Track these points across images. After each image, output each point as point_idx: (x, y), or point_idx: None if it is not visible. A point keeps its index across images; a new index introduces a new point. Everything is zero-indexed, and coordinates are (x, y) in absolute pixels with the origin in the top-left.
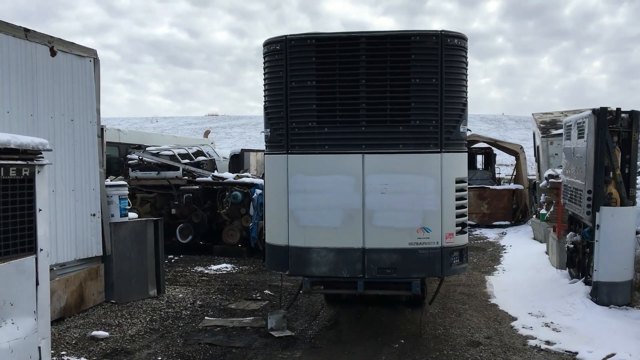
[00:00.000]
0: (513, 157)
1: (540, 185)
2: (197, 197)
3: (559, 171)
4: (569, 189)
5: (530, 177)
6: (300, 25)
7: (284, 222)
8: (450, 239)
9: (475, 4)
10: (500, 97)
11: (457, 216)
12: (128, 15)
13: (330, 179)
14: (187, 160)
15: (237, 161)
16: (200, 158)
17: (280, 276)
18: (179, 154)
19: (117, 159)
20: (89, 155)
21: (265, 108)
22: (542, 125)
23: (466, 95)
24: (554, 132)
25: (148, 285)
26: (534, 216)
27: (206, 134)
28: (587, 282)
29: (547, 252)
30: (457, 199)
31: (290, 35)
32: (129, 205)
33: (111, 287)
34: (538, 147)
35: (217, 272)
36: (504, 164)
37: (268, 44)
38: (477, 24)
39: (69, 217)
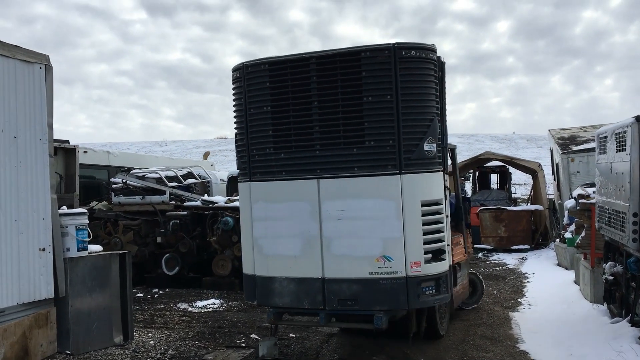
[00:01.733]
0: (527, 176)
1: (569, 206)
2: (185, 223)
3: (590, 190)
4: (606, 211)
5: (549, 197)
6: (312, 48)
7: (251, 251)
8: (416, 267)
9: (485, 24)
10: (512, 116)
11: (427, 242)
12: (142, 41)
13: (289, 206)
14: (174, 184)
15: (235, 184)
16: (190, 180)
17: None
18: (166, 177)
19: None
20: (37, 178)
21: (235, 136)
22: (560, 141)
23: (434, 109)
24: (575, 148)
25: (113, 331)
26: (558, 240)
27: (205, 155)
28: (633, 323)
29: (576, 282)
30: (425, 224)
31: (247, 62)
32: (89, 236)
33: (66, 335)
34: (557, 164)
35: (202, 310)
36: (517, 182)
37: (233, 71)
38: (487, 44)
39: (10, 253)
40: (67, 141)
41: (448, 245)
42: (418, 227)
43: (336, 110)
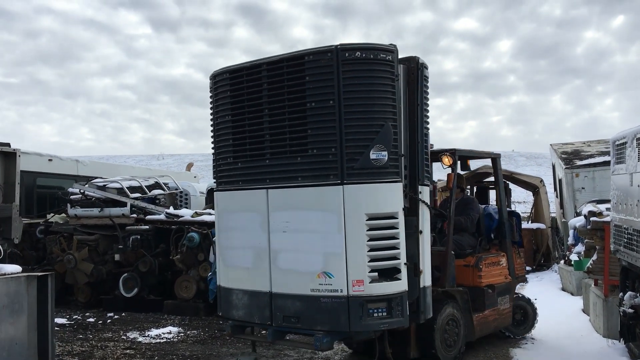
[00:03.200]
0: (528, 193)
1: (578, 225)
2: (147, 239)
3: (602, 207)
4: (625, 231)
5: (552, 215)
6: None
7: (219, 262)
8: (359, 286)
9: (487, 43)
10: (512, 134)
11: (374, 259)
12: (146, 56)
13: (244, 216)
14: (137, 195)
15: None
16: (156, 192)
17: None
18: (129, 187)
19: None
20: None
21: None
22: (563, 155)
23: (388, 115)
24: (579, 162)
25: None
26: (562, 261)
27: (188, 167)
28: None
29: (585, 311)
30: (373, 239)
31: (216, 70)
32: (0, 254)
33: None
34: (560, 180)
35: (153, 341)
36: (517, 200)
37: (209, 80)
38: (489, 62)
39: None
40: (8, 144)
41: (406, 263)
42: (362, 242)
43: (283, 118)
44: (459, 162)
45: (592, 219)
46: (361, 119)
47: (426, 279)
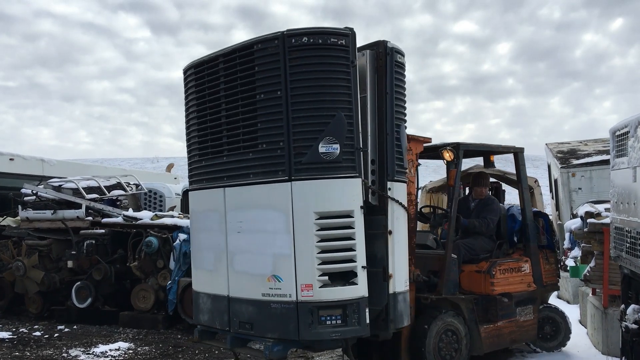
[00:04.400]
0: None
1: (573, 227)
2: (102, 244)
3: (601, 207)
4: (627, 234)
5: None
6: None
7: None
8: (307, 291)
9: (486, 46)
10: (510, 137)
11: (325, 262)
12: (145, 59)
13: (207, 216)
14: (94, 195)
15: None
16: (117, 192)
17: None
18: (86, 187)
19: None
20: None
21: None
22: (559, 155)
23: (342, 104)
24: (576, 162)
25: None
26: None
27: (169, 167)
28: None
29: (581, 322)
30: (324, 240)
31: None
32: None
33: None
34: (556, 180)
35: None
36: (510, 203)
37: None
38: (488, 65)
39: None
40: None
41: (365, 267)
42: (311, 243)
43: (237, 112)
44: (462, 157)
45: (589, 220)
46: (310, 110)
47: (398, 285)
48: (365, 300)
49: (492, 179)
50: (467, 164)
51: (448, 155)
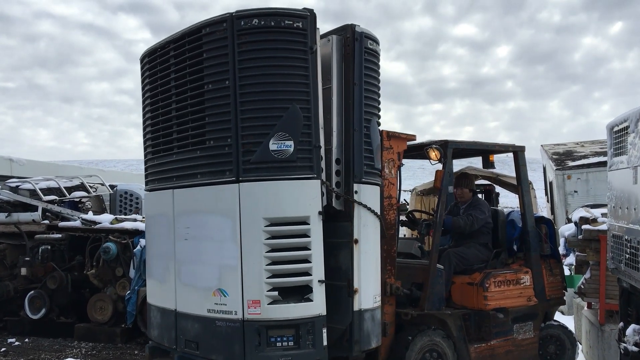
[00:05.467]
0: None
1: (566, 234)
2: (59, 250)
3: (597, 212)
4: (626, 243)
5: None
6: None
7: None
8: (255, 308)
9: (486, 49)
10: (509, 140)
11: (275, 275)
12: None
13: (158, 221)
14: (53, 197)
15: None
16: (78, 194)
17: None
18: (45, 188)
19: None
20: None
21: None
22: (554, 156)
23: (299, 95)
24: (572, 163)
25: None
26: None
27: None
28: None
29: (576, 337)
30: (274, 250)
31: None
32: None
33: None
34: (551, 182)
35: None
36: (506, 205)
37: None
38: (487, 68)
39: None
40: None
41: (322, 281)
42: (259, 253)
43: (185, 104)
44: (450, 156)
45: (583, 226)
46: (260, 102)
47: (364, 301)
48: (322, 320)
49: (484, 181)
50: (461, 164)
51: (434, 155)
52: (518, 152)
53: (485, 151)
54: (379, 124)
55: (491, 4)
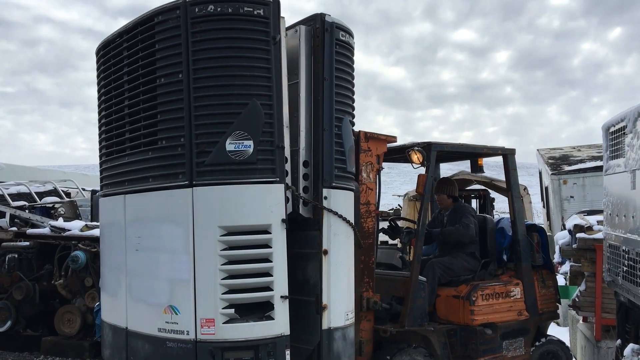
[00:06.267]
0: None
1: (560, 242)
2: (27, 259)
3: (592, 219)
4: (624, 254)
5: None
6: None
7: None
8: (208, 328)
9: (485, 54)
10: (507, 144)
11: (232, 290)
12: None
13: (109, 229)
14: (22, 203)
15: None
16: (50, 199)
17: None
18: (14, 194)
19: None
20: None
21: None
22: (550, 161)
23: (253, 90)
24: (568, 168)
25: None
26: None
27: None
28: None
29: (571, 351)
30: (231, 262)
31: None
32: None
33: None
34: (547, 187)
35: None
36: (503, 210)
37: None
38: (486, 73)
39: None
40: None
41: (285, 297)
42: (213, 265)
43: (137, 101)
44: (434, 159)
45: (578, 235)
46: (216, 97)
47: (334, 318)
48: (284, 340)
49: (479, 186)
50: (451, 169)
51: (416, 158)
52: (508, 155)
53: (473, 154)
54: (352, 124)
55: (490, 9)
